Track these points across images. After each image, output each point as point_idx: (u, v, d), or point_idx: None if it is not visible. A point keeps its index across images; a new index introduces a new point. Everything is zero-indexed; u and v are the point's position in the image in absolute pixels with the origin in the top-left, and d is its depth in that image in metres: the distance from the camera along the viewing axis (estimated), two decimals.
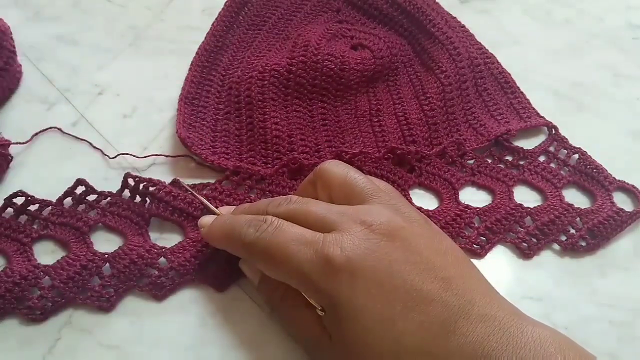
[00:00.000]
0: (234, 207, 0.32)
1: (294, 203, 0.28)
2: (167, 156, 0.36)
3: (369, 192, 0.28)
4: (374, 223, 0.25)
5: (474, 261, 0.27)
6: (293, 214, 0.27)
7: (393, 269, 0.24)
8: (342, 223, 0.26)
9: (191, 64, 0.41)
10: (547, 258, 0.33)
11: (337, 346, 0.24)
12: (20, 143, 0.36)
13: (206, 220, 0.30)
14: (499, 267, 0.33)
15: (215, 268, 0.31)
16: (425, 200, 0.36)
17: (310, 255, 0.24)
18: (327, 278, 0.24)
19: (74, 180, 0.32)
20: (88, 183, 0.32)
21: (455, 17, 0.46)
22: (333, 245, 0.24)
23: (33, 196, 0.32)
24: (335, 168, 0.29)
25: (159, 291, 0.30)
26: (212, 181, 0.35)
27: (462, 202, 0.35)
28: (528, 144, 0.39)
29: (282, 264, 0.25)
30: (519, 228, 0.34)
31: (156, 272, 0.30)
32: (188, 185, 0.33)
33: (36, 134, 0.36)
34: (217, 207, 0.32)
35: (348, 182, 0.28)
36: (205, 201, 0.32)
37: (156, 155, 0.36)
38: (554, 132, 0.39)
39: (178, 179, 0.34)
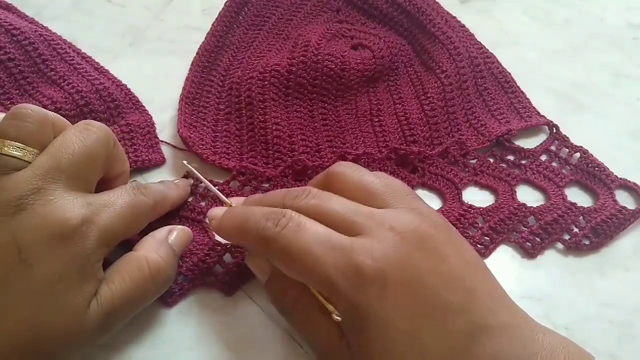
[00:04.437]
0: (244, 197, 0.31)
1: (315, 197, 0.26)
2: (174, 147, 0.37)
3: (388, 196, 0.26)
4: (403, 230, 0.24)
5: None
6: (314, 210, 0.25)
7: (423, 281, 0.23)
8: (371, 228, 0.24)
9: (191, 64, 0.41)
10: (547, 258, 0.33)
11: (357, 355, 0.24)
12: None
13: (216, 212, 0.29)
14: (499, 266, 0.33)
15: (224, 272, 0.31)
16: (428, 200, 0.35)
17: (337, 261, 0.23)
18: (355, 287, 0.23)
19: None
20: None
21: (455, 17, 0.46)
22: (364, 253, 0.23)
23: None
24: (350, 171, 0.28)
25: (169, 297, 0.29)
26: (215, 180, 0.35)
27: (466, 202, 0.35)
28: (529, 143, 0.39)
29: (305, 266, 0.24)
30: (523, 227, 0.34)
31: None
32: (198, 180, 0.33)
33: None
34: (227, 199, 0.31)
35: (365, 185, 0.27)
36: (217, 191, 0.31)
37: (166, 143, 0.37)
38: (554, 131, 0.39)
39: (190, 169, 0.33)
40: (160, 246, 0.28)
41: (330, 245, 0.24)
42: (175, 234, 0.29)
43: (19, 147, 0.25)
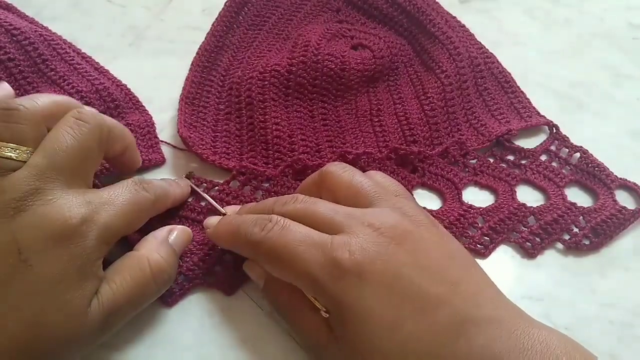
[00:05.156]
0: (240, 206, 0.32)
1: (301, 202, 0.28)
2: (174, 147, 0.37)
3: (375, 195, 0.28)
4: (382, 226, 0.25)
5: (477, 261, 0.27)
6: (300, 214, 0.27)
7: (402, 272, 0.24)
8: (350, 225, 0.25)
9: (191, 64, 0.41)
10: (547, 258, 0.33)
11: (343, 349, 0.24)
12: None
13: (212, 221, 0.30)
14: (499, 267, 0.33)
15: (223, 271, 0.31)
16: (428, 200, 0.36)
17: (318, 257, 0.24)
18: (335, 281, 0.24)
19: None
20: None
21: (455, 17, 0.46)
22: (341, 248, 0.24)
23: None
24: (341, 171, 0.29)
25: (169, 297, 0.29)
26: (216, 180, 0.35)
27: (465, 202, 0.35)
28: (529, 143, 0.39)
29: (289, 264, 0.25)
30: (523, 227, 0.34)
31: None
32: (199, 181, 0.34)
33: None
34: (223, 208, 0.32)
35: (354, 185, 0.28)
36: (212, 200, 0.33)
37: (166, 143, 0.37)
38: (554, 131, 0.39)
39: (192, 173, 0.35)
40: (161, 246, 0.28)
41: (311, 243, 0.25)
42: (176, 233, 0.30)
43: (13, 148, 0.24)
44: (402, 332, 0.23)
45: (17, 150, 0.25)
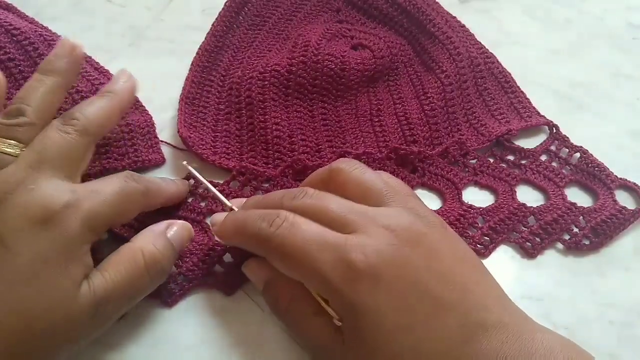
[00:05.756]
0: (245, 199, 0.31)
1: (311, 197, 0.27)
2: (174, 147, 0.37)
3: (386, 194, 0.27)
4: (397, 228, 0.25)
5: None
6: (311, 210, 0.26)
7: (416, 277, 0.24)
8: (364, 225, 0.25)
9: (191, 64, 0.41)
10: (547, 258, 0.33)
11: (352, 351, 0.24)
12: None
13: (218, 218, 0.30)
14: (499, 267, 0.33)
15: (223, 271, 0.31)
16: (428, 200, 0.36)
17: (331, 258, 0.24)
18: (349, 283, 0.23)
19: None
20: None
21: (455, 17, 0.46)
22: (356, 249, 0.24)
23: None
24: (351, 168, 0.28)
25: (169, 297, 0.29)
26: (216, 181, 0.35)
27: (466, 202, 0.35)
28: (529, 143, 0.39)
29: (300, 264, 0.24)
30: (523, 227, 0.34)
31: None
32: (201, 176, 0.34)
33: None
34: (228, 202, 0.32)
35: (365, 183, 0.27)
36: (218, 193, 0.32)
37: (166, 143, 0.37)
38: (554, 131, 0.39)
39: (190, 170, 0.33)
40: (157, 238, 0.27)
41: (323, 243, 0.24)
42: (175, 229, 0.29)
43: (12, 145, 0.25)
44: (413, 336, 0.23)
45: (16, 147, 0.25)
